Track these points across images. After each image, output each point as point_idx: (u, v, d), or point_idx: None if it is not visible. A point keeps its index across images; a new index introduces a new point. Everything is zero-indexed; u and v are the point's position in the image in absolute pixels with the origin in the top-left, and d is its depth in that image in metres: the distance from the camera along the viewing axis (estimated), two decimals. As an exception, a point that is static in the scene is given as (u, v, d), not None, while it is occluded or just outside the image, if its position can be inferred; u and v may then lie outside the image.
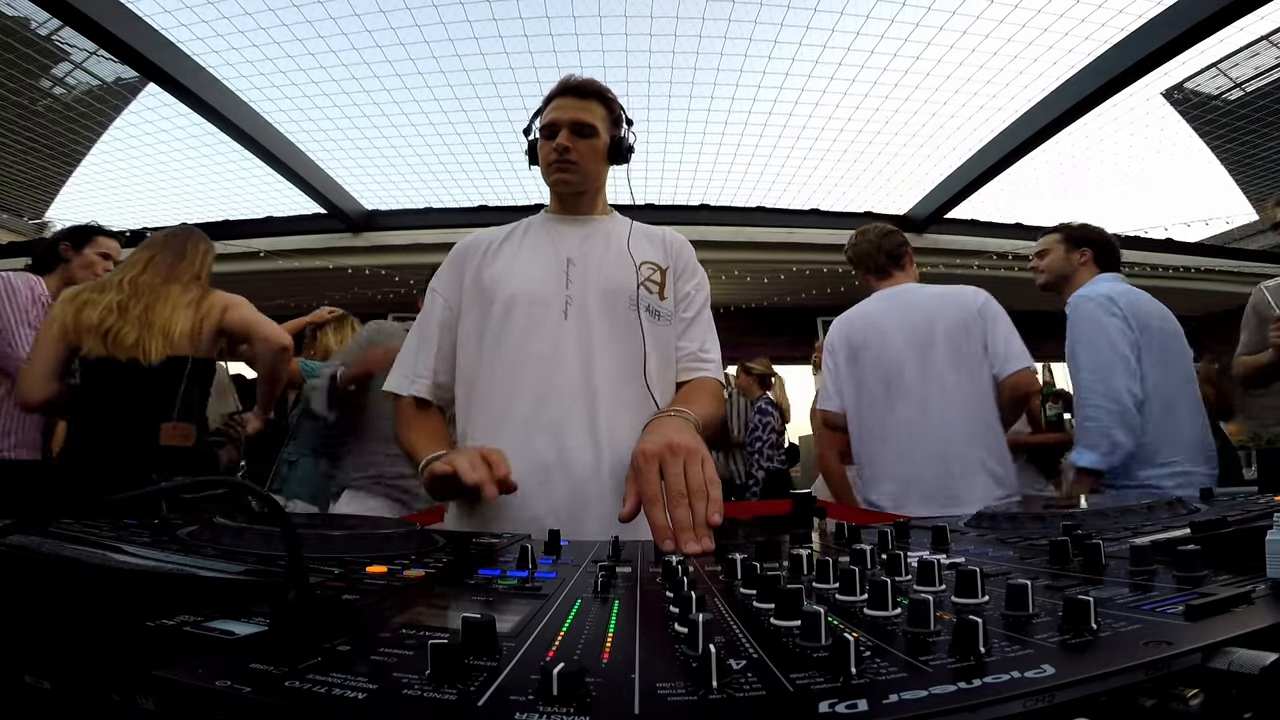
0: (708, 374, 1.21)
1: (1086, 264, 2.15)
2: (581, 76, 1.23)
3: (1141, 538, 0.54)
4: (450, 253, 1.28)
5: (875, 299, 2.11)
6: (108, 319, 1.92)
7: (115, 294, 1.97)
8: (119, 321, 1.93)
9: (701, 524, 0.75)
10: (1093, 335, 1.91)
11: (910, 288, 2.08)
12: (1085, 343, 1.92)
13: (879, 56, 3.77)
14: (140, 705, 0.27)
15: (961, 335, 1.91)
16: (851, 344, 2.06)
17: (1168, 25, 3.04)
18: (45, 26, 3.71)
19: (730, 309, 6.26)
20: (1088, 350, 1.91)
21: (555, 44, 3.63)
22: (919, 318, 1.96)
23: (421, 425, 1.17)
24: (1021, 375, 1.86)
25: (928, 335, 1.93)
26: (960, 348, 1.90)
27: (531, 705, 0.24)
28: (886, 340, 1.98)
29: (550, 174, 1.22)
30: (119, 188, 5.10)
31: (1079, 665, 0.27)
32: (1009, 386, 1.86)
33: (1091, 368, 1.89)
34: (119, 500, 0.39)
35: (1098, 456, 1.85)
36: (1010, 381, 1.86)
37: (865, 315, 2.08)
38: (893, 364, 1.95)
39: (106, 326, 1.91)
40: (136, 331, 1.93)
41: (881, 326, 2.01)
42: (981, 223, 5.42)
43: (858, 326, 2.07)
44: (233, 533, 0.58)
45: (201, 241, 2.17)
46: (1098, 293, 1.97)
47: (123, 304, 1.96)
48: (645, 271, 1.20)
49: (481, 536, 0.80)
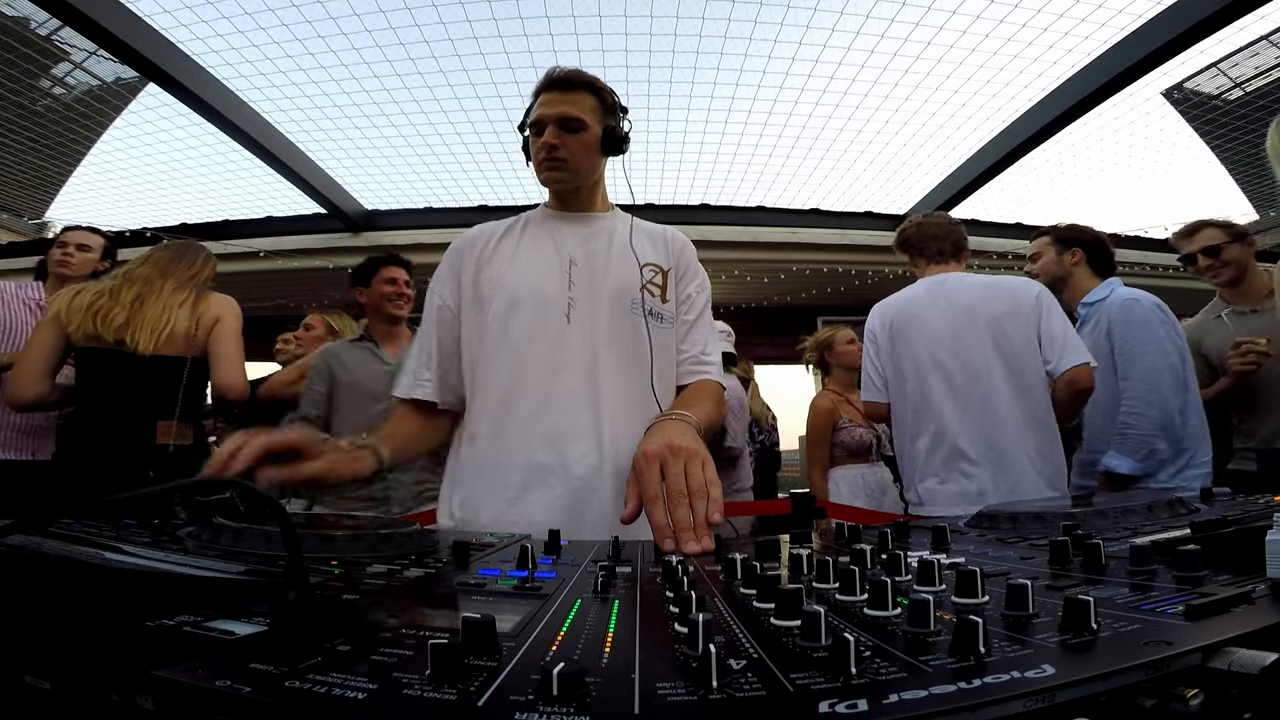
0: (709, 376, 1.20)
1: (1079, 264, 2.16)
2: (567, 68, 1.18)
3: (1141, 538, 0.54)
4: (447, 251, 1.25)
5: (919, 285, 2.02)
6: (98, 301, 1.97)
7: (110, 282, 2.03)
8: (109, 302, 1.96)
9: (702, 524, 0.75)
10: (1144, 341, 1.89)
11: (956, 276, 1.99)
12: (1136, 348, 1.89)
13: (879, 56, 3.77)
14: (140, 705, 0.27)
15: (1008, 325, 1.81)
16: (890, 331, 1.98)
17: (1168, 25, 3.04)
18: (45, 26, 3.71)
19: (730, 309, 6.25)
20: (1138, 357, 1.88)
21: (555, 44, 3.63)
22: (962, 306, 1.88)
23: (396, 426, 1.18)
24: (1079, 370, 1.74)
25: (970, 323, 1.84)
26: (1004, 338, 1.81)
27: (531, 705, 0.24)
28: (927, 327, 1.90)
29: (541, 173, 1.19)
30: (119, 188, 5.10)
31: (1079, 665, 0.27)
32: (1068, 380, 1.76)
33: (1141, 375, 1.86)
34: (119, 500, 0.39)
35: (1134, 463, 1.83)
36: (1070, 375, 1.75)
37: (908, 301, 2.00)
38: (932, 353, 1.88)
39: (96, 307, 1.95)
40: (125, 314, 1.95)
41: (922, 314, 1.93)
42: (981, 223, 5.41)
43: (898, 312, 1.99)
44: (232, 533, 0.58)
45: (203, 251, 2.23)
46: (1146, 297, 1.97)
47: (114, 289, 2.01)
48: (647, 274, 1.19)
49: (481, 537, 0.80)
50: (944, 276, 1.98)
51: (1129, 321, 1.94)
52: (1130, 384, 1.88)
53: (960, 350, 1.84)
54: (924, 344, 1.90)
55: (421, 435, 1.20)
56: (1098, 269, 2.16)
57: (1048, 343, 1.79)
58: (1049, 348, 1.78)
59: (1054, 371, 1.78)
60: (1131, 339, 1.91)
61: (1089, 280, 2.14)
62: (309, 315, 3.09)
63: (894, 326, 1.98)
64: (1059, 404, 1.81)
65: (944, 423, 1.83)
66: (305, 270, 5.08)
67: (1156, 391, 1.84)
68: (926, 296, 1.96)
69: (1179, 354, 1.90)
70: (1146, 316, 1.92)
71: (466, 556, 0.62)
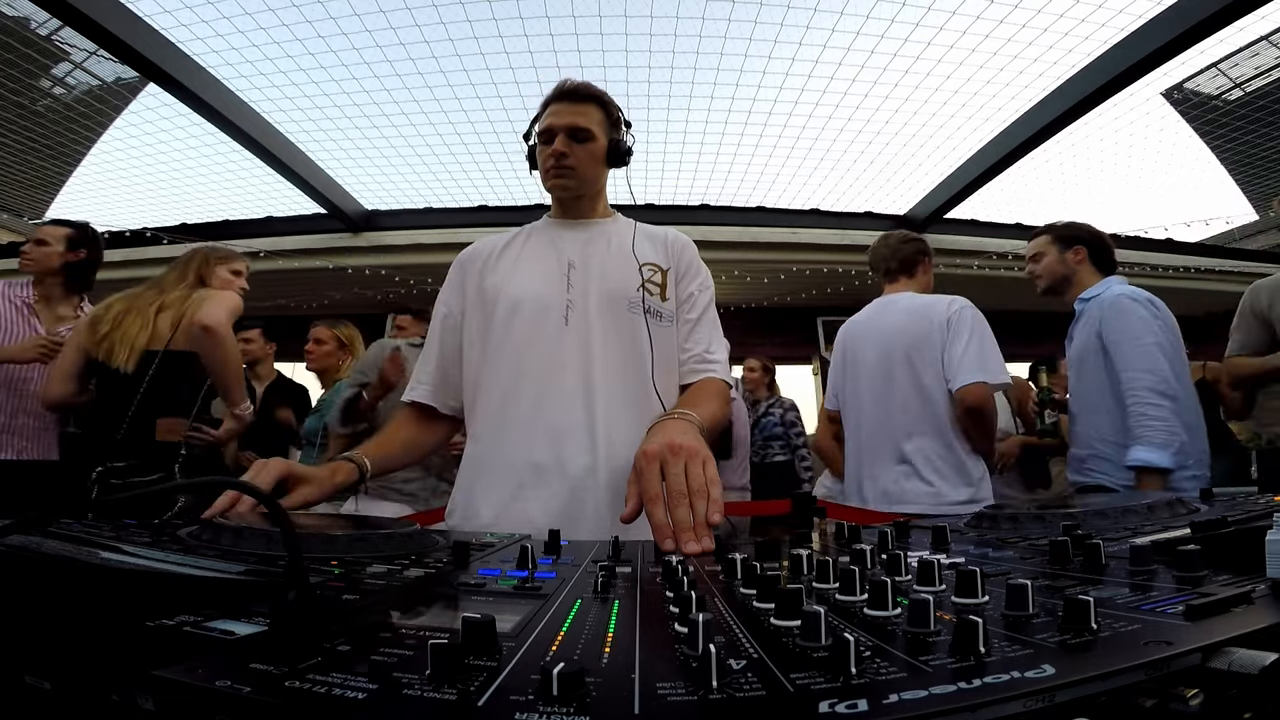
0: (714, 375, 1.20)
1: (1083, 263, 2.15)
2: (577, 80, 1.23)
3: (1141, 538, 0.54)
4: (454, 262, 1.30)
5: (869, 306, 2.23)
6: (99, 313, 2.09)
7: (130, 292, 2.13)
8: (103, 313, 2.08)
9: (702, 524, 0.75)
10: (1141, 333, 1.88)
11: (898, 297, 2.17)
12: (1133, 340, 1.87)
13: (879, 56, 3.77)
14: (140, 705, 0.27)
15: (921, 346, 1.98)
16: (842, 347, 2.23)
17: (1168, 25, 3.04)
18: (45, 26, 3.71)
19: (731, 309, 6.26)
20: (1136, 348, 1.86)
21: (555, 44, 3.63)
22: (890, 327, 2.07)
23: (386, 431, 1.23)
24: (970, 389, 1.87)
25: (890, 344, 2.03)
26: (915, 359, 1.98)
27: (531, 705, 0.24)
28: (862, 347, 2.13)
29: (548, 180, 1.22)
30: (119, 188, 5.10)
31: (1079, 665, 0.27)
32: (958, 399, 1.90)
33: (1144, 366, 1.84)
34: (119, 500, 0.39)
35: (1170, 455, 1.75)
36: (959, 394, 1.89)
37: (856, 322, 2.22)
38: (864, 369, 2.10)
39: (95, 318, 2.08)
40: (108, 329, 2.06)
41: (861, 334, 2.16)
42: (981, 223, 5.41)
43: (849, 332, 2.22)
44: (232, 533, 0.58)
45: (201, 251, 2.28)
46: (1139, 293, 1.97)
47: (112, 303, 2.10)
48: (646, 273, 1.20)
49: (481, 537, 0.80)
50: (891, 297, 2.18)
51: (1119, 314, 1.94)
52: (1130, 374, 1.85)
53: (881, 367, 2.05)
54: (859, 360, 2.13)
55: (418, 439, 1.23)
56: (1100, 266, 2.15)
57: (948, 363, 1.94)
58: (949, 367, 1.94)
59: (951, 387, 1.93)
60: (1121, 328, 1.91)
61: (1092, 278, 2.13)
62: (315, 328, 3.11)
63: (843, 343, 2.23)
64: (960, 419, 1.93)
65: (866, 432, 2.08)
66: (305, 270, 5.08)
67: (1164, 379, 1.82)
68: (867, 317, 2.19)
69: (1172, 346, 1.88)
70: (1136, 310, 1.92)
71: (466, 556, 0.62)
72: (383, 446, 1.17)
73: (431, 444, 1.26)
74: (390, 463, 1.17)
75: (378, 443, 1.18)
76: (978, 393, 1.87)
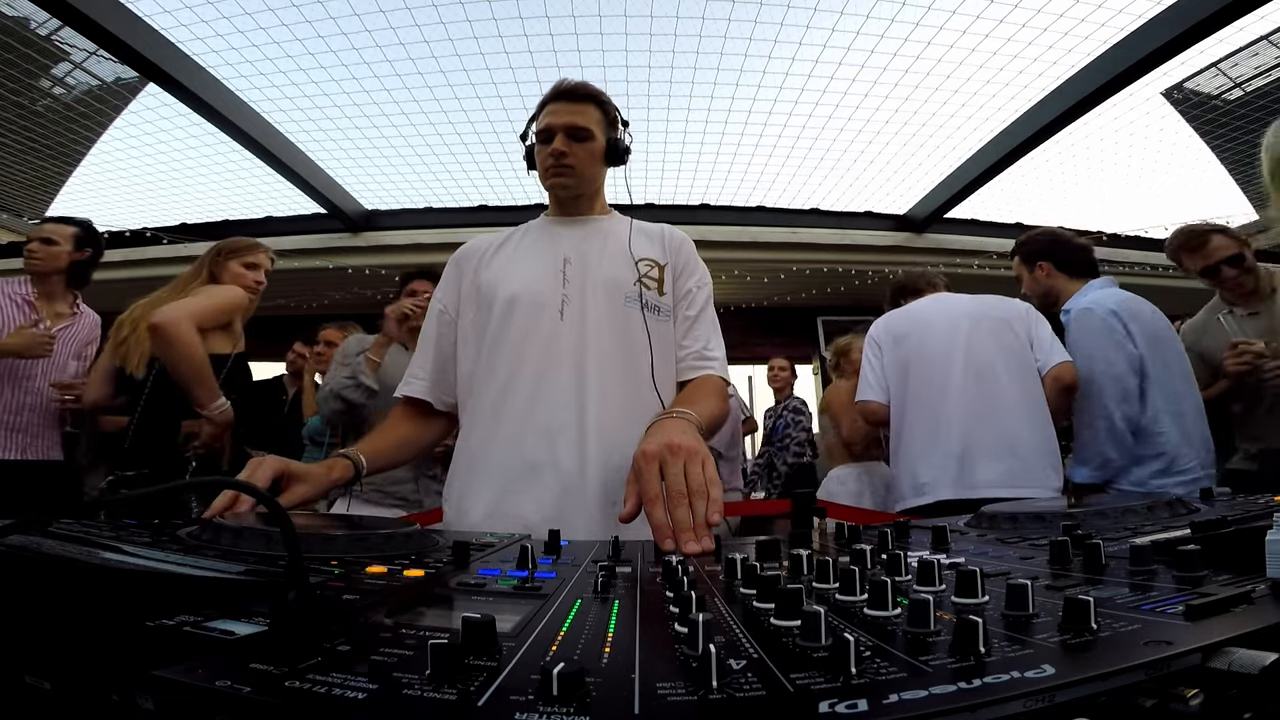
0: (711, 372, 1.20)
1: (1051, 275, 2.16)
2: (575, 80, 1.23)
3: (1141, 538, 0.54)
4: (450, 259, 1.30)
5: (917, 301, 2.23)
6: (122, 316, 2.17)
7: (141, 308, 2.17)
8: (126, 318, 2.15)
9: (701, 524, 0.75)
10: (1090, 351, 1.94)
11: (944, 295, 2.22)
12: (1083, 359, 1.95)
13: (879, 56, 3.77)
14: (140, 705, 0.27)
15: (1005, 330, 1.99)
16: (894, 335, 2.13)
17: (1168, 25, 3.04)
18: (45, 26, 3.70)
19: (730, 309, 6.25)
20: (1084, 367, 1.94)
21: (555, 44, 3.63)
22: (961, 315, 2.05)
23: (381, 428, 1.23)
24: (1063, 367, 1.92)
25: (972, 333, 2.00)
26: (1004, 340, 1.98)
27: (531, 705, 0.24)
28: (930, 330, 2.06)
29: (547, 179, 1.23)
30: (119, 188, 5.10)
31: (1079, 665, 0.27)
32: (1051, 378, 1.93)
33: (1083, 387, 1.93)
34: (118, 500, 0.39)
35: (1089, 471, 1.94)
36: (1054, 373, 1.92)
37: (908, 312, 2.19)
38: (939, 353, 2.01)
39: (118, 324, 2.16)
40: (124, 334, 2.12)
41: (924, 319, 2.11)
42: (981, 223, 5.41)
43: (900, 321, 2.16)
44: (232, 533, 0.58)
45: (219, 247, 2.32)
46: (1102, 306, 1.97)
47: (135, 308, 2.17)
48: (643, 268, 1.20)
49: (481, 537, 0.80)
50: (938, 296, 2.23)
51: (1079, 332, 2.00)
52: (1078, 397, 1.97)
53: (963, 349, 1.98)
54: (927, 344, 2.04)
55: (414, 436, 1.23)
56: (1072, 272, 2.14)
57: (1037, 344, 1.99)
58: (1038, 348, 1.98)
59: (1042, 369, 1.96)
60: (1077, 351, 1.97)
61: (1070, 285, 2.13)
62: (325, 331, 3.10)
63: (899, 332, 2.12)
64: (1049, 399, 1.95)
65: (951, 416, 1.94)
66: (305, 270, 5.08)
67: (1098, 401, 1.91)
68: (924, 306, 2.17)
69: (1127, 363, 1.89)
70: (1095, 327, 1.94)
71: (466, 556, 0.62)
72: (378, 443, 1.17)
73: (428, 440, 1.26)
74: (386, 459, 1.17)
75: (373, 439, 1.18)
76: (1071, 371, 1.92)
